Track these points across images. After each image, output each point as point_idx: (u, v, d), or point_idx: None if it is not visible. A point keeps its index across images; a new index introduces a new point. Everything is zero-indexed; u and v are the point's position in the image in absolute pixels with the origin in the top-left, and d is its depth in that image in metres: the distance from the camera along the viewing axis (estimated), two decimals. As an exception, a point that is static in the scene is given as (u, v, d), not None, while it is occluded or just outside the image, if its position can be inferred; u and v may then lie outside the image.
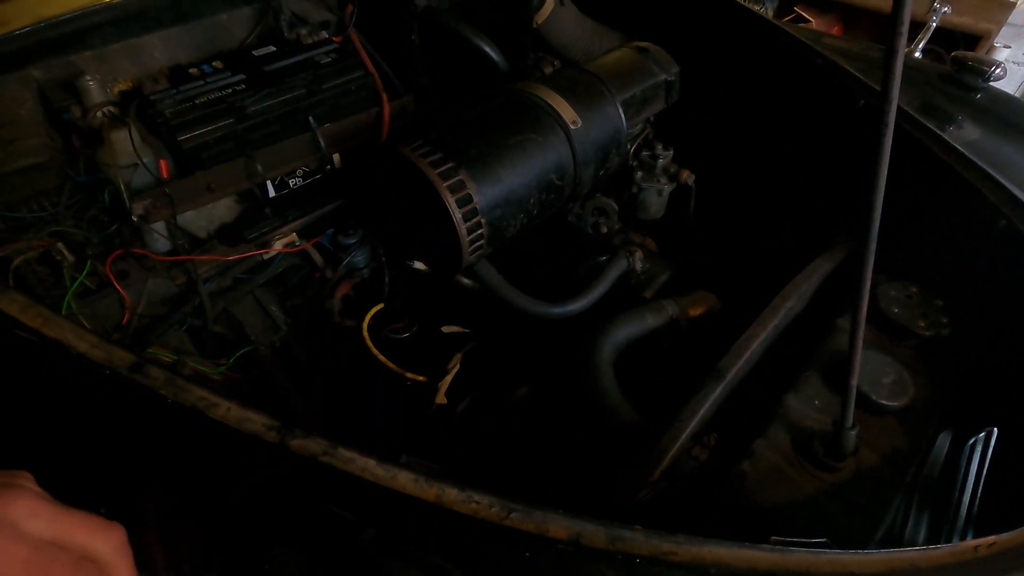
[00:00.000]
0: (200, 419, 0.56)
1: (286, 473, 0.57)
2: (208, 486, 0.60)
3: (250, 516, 0.59)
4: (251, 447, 0.56)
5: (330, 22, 1.24)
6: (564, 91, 1.02)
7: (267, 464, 0.57)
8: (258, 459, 0.57)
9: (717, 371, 0.82)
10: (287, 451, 0.55)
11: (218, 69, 1.05)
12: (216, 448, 0.59)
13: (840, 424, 0.68)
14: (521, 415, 1.02)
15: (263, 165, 1.04)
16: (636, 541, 0.51)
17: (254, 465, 0.59)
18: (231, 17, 1.17)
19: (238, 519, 0.59)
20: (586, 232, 1.17)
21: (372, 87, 1.15)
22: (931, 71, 1.37)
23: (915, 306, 0.90)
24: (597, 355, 0.90)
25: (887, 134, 0.49)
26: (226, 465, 0.60)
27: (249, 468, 0.59)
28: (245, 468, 0.59)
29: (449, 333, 1.17)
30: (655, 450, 0.75)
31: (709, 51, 1.28)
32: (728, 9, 1.31)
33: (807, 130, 1.19)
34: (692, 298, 1.06)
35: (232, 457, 0.59)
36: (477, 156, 0.90)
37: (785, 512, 0.68)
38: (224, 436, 0.57)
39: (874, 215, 0.55)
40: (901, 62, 0.45)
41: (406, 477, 0.55)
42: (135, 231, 0.99)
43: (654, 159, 1.18)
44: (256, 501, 0.59)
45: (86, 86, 0.96)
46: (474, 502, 0.53)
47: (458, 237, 0.88)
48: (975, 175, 0.94)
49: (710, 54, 1.28)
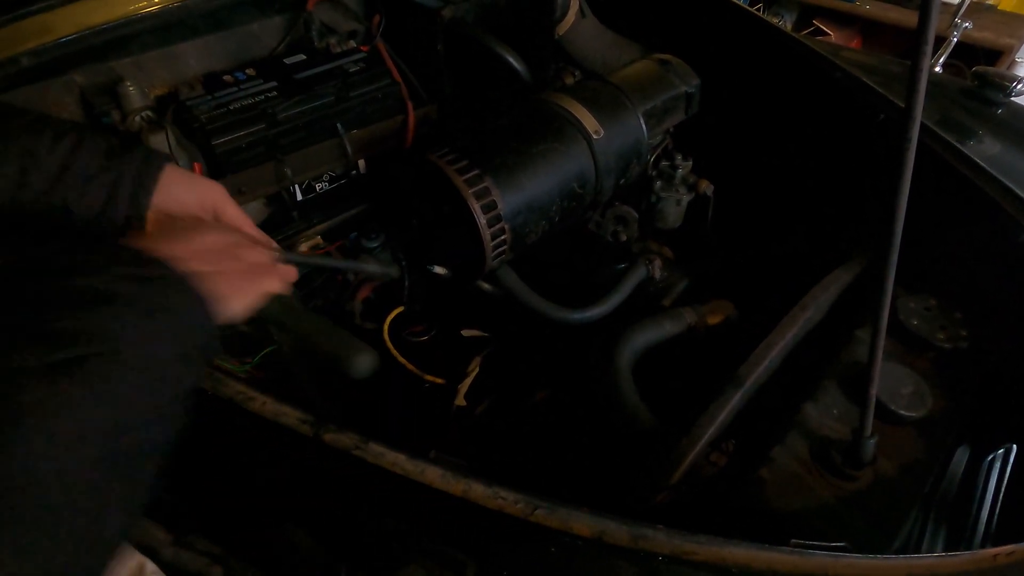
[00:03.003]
0: (237, 411, 0.59)
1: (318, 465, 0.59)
2: (236, 474, 0.62)
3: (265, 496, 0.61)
4: (285, 440, 0.58)
5: (358, 32, 1.28)
6: (587, 102, 1.04)
7: (300, 457, 0.59)
8: (291, 452, 0.60)
9: (736, 378, 0.83)
10: (321, 444, 0.57)
11: (251, 76, 1.09)
12: (250, 441, 0.61)
13: (859, 432, 0.69)
14: (539, 418, 1.04)
15: (292, 169, 1.07)
16: (658, 540, 0.52)
17: (285, 457, 0.61)
18: (263, 26, 1.21)
19: (251, 498, 0.61)
20: (605, 240, 1.18)
21: (398, 95, 1.18)
22: (952, 86, 1.38)
23: (934, 318, 0.90)
24: (617, 360, 0.91)
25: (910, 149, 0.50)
26: (258, 457, 0.62)
27: (280, 459, 0.61)
28: (277, 459, 0.61)
29: (468, 337, 1.19)
30: (674, 454, 0.76)
31: (728, 63, 1.30)
32: (747, 22, 1.33)
33: (825, 143, 1.20)
34: (710, 306, 1.07)
35: (264, 449, 0.61)
36: (502, 164, 0.92)
37: (803, 519, 0.69)
38: (260, 429, 0.59)
39: (896, 227, 0.56)
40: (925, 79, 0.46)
41: (434, 472, 0.56)
42: (168, 231, 1.02)
43: (673, 169, 1.19)
44: (283, 490, 0.61)
45: (126, 91, 1.00)
46: (500, 498, 0.54)
47: (482, 242, 0.89)
48: (995, 189, 0.94)
49: (729, 66, 1.29)
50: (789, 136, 1.26)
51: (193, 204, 0.58)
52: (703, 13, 1.37)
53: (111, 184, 0.52)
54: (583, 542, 0.53)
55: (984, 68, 1.37)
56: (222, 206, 0.60)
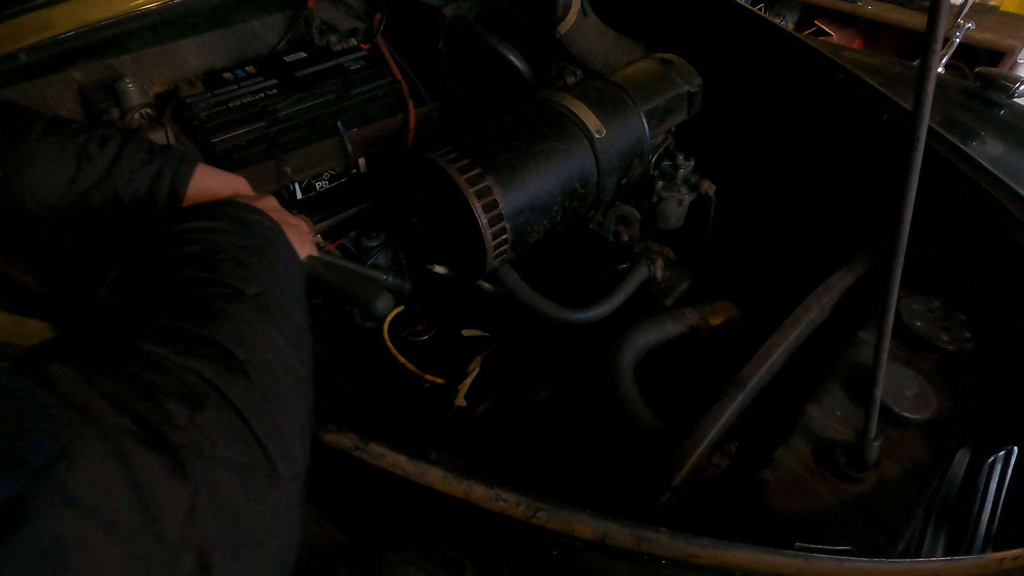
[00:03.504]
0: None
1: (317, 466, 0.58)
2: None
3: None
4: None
5: (359, 30, 1.27)
6: (589, 101, 1.03)
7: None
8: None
9: (739, 379, 0.82)
10: (320, 444, 0.56)
11: (251, 74, 1.08)
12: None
13: (863, 435, 0.69)
14: (540, 419, 1.03)
15: (292, 168, 1.07)
16: (661, 543, 0.52)
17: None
18: (263, 24, 1.20)
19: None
20: (607, 240, 1.18)
21: (399, 94, 1.17)
22: (955, 86, 1.37)
23: (938, 320, 0.90)
24: (619, 360, 0.91)
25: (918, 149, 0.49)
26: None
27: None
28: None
29: (469, 336, 1.18)
30: (676, 456, 0.76)
31: (730, 63, 1.29)
32: (749, 21, 1.32)
33: (828, 143, 1.20)
34: (712, 307, 1.07)
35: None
36: (504, 163, 0.91)
37: (806, 522, 0.69)
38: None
39: (902, 229, 0.55)
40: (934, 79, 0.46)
41: (435, 473, 0.56)
42: (167, 229, 1.02)
43: (675, 169, 1.19)
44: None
45: (125, 88, 0.99)
46: (502, 500, 0.54)
47: (483, 241, 0.89)
48: (1000, 191, 0.94)
49: (731, 66, 1.29)
50: (791, 136, 1.26)
51: (222, 194, 0.68)
52: (705, 12, 1.36)
53: (153, 176, 0.62)
54: (585, 544, 0.52)
55: (987, 69, 1.37)
56: (245, 190, 0.72)
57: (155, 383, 0.38)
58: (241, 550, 0.36)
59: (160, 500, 0.33)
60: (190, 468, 0.35)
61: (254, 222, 0.55)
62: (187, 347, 0.42)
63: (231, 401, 0.40)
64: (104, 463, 0.32)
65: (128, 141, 0.63)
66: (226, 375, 0.41)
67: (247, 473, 0.38)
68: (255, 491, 0.38)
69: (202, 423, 0.37)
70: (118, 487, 0.31)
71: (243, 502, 0.37)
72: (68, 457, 0.30)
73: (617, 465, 0.87)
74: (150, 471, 0.33)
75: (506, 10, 1.24)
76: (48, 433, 0.31)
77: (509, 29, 1.22)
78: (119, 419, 0.34)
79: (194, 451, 0.36)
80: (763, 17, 1.31)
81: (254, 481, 0.38)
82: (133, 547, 0.31)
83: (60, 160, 0.58)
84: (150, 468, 0.33)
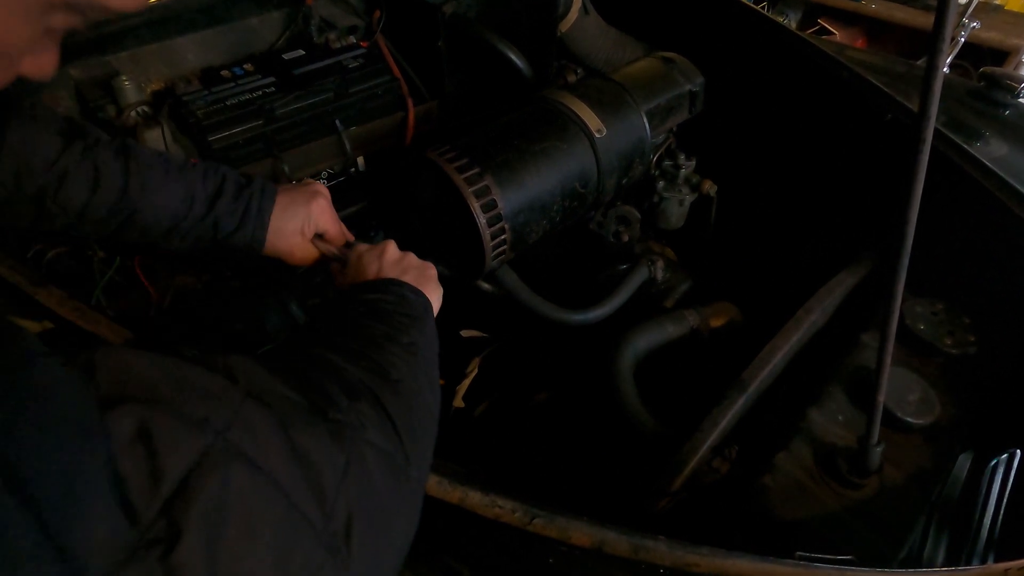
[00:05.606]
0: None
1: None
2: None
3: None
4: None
5: (358, 27, 1.26)
6: (590, 100, 1.02)
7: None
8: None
9: (739, 382, 0.82)
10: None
11: (249, 72, 1.07)
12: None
13: (865, 440, 0.68)
14: (539, 421, 1.02)
15: (290, 166, 1.06)
16: (659, 551, 0.51)
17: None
18: (262, 21, 1.19)
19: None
20: (607, 240, 1.17)
21: (398, 92, 1.16)
22: (960, 86, 1.36)
23: (941, 323, 0.89)
24: (618, 362, 0.90)
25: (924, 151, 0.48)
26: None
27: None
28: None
29: (468, 337, 1.17)
30: (675, 460, 0.75)
31: (732, 62, 1.28)
32: (752, 20, 1.31)
33: (830, 142, 1.19)
34: (713, 308, 1.06)
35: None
36: (503, 162, 0.90)
37: (807, 528, 0.68)
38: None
39: (907, 231, 0.54)
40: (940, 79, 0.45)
41: (430, 478, 0.55)
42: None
43: (676, 169, 1.18)
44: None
45: (121, 86, 0.98)
46: (497, 506, 0.53)
47: (482, 242, 0.88)
48: (1004, 192, 0.93)
49: (733, 65, 1.28)
50: (794, 136, 1.24)
51: (302, 217, 0.76)
52: (708, 11, 1.35)
53: (244, 208, 0.73)
54: (582, 552, 0.51)
55: (992, 69, 1.35)
56: (319, 219, 0.78)
57: (322, 376, 0.46)
58: (377, 522, 0.41)
59: (320, 461, 0.38)
60: (347, 439, 0.41)
61: (414, 301, 0.65)
62: (352, 359, 0.50)
63: (383, 403, 0.46)
64: (272, 429, 0.37)
65: (225, 176, 0.74)
66: (381, 384, 0.48)
67: (388, 461, 0.44)
68: (393, 477, 0.44)
69: (358, 409, 0.44)
70: (285, 450, 0.37)
71: (382, 482, 0.42)
72: (244, 423, 0.36)
73: (616, 468, 0.86)
74: (314, 433, 0.39)
75: (506, 8, 1.23)
76: (227, 403, 0.37)
77: (509, 27, 1.21)
78: (290, 394, 0.41)
79: (350, 428, 0.42)
80: (765, 16, 1.30)
81: (393, 470, 0.44)
82: (295, 508, 0.35)
83: (172, 194, 0.70)
84: (315, 431, 0.39)
